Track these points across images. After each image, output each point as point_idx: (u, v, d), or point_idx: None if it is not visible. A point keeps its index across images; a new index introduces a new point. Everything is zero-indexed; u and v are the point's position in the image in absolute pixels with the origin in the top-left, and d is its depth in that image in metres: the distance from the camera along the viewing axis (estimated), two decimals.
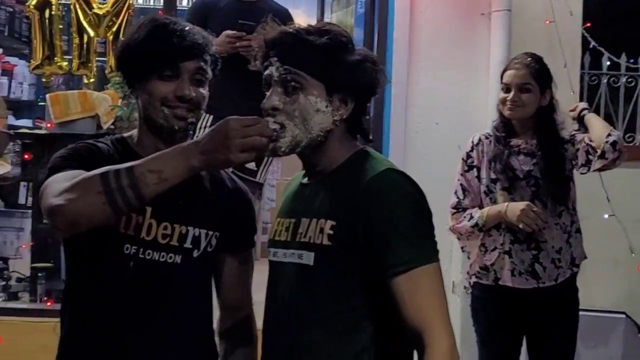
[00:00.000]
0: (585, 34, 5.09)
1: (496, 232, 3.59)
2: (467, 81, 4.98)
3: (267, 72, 2.04)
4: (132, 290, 2.15)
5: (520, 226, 3.45)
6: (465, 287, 4.00)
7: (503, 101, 3.60)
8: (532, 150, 3.60)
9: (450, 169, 3.80)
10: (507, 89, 3.59)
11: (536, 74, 3.58)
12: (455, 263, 4.77)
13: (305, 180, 2.14)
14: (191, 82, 2.17)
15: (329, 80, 2.00)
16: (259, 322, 2.24)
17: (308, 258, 1.99)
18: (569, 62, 4.93)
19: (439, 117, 4.98)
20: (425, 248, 1.93)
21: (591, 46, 5.15)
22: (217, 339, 2.40)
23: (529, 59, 3.63)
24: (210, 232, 2.23)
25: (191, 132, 2.26)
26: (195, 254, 2.21)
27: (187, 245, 2.19)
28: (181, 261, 2.18)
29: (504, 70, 3.67)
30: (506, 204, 3.53)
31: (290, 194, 2.20)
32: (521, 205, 3.47)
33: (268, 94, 2.02)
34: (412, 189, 1.96)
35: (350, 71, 2.00)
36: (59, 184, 1.96)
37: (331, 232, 1.96)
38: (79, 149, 2.17)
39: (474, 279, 3.70)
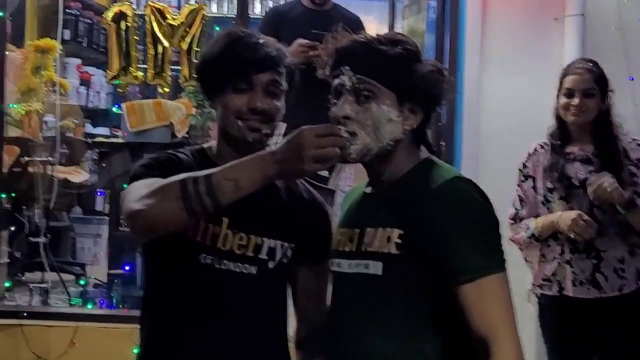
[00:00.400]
0: None
1: (554, 242, 3.55)
2: (539, 87, 4.90)
3: (337, 80, 2.04)
4: (208, 300, 2.18)
5: (572, 235, 3.41)
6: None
7: (566, 106, 3.54)
8: (587, 157, 3.54)
9: None
10: (570, 94, 3.53)
11: (598, 79, 3.54)
12: (530, 271, 4.72)
13: (369, 189, 2.13)
14: (265, 94, 2.18)
15: (401, 90, 2.00)
16: None
17: (376, 268, 1.97)
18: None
19: (512, 123, 4.92)
20: (493, 257, 1.92)
21: None
22: (293, 348, 2.41)
23: (589, 63, 3.60)
24: (286, 244, 2.24)
25: (268, 143, 2.25)
26: (271, 265, 2.21)
27: (263, 256, 2.20)
28: (257, 272, 2.19)
29: (564, 76, 3.61)
30: (559, 213, 3.48)
31: (353, 204, 2.20)
32: (572, 214, 3.42)
33: (339, 102, 2.02)
34: (480, 198, 1.95)
35: (421, 81, 2.00)
36: (139, 190, 2.01)
37: (399, 241, 1.95)
38: (160, 158, 2.21)
39: (539, 290, 3.66)
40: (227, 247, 2.17)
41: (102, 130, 7.49)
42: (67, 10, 6.99)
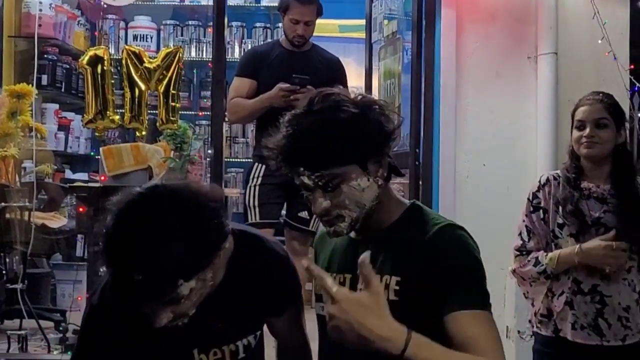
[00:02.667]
0: (631, 77, 5.03)
1: (564, 276, 3.31)
2: (515, 124, 4.97)
3: (298, 181, 2.02)
4: None
5: (607, 270, 3.22)
6: (519, 332, 3.88)
7: (578, 140, 3.35)
8: (603, 195, 3.33)
9: (500, 211, 3.77)
10: (581, 126, 3.35)
11: (611, 109, 3.35)
12: (508, 307, 4.71)
13: (354, 235, 2.13)
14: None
15: (359, 158, 2.00)
16: None
17: None
18: None
19: (488, 160, 4.96)
20: (484, 297, 1.97)
21: (637, 87, 5.09)
22: None
23: (601, 94, 3.42)
24: (258, 333, 2.25)
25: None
26: (248, 352, 2.23)
27: (241, 355, 2.21)
28: None
29: (576, 108, 3.43)
30: (578, 245, 3.25)
31: (338, 248, 2.20)
32: (599, 246, 3.20)
33: (312, 199, 2.02)
34: (472, 244, 2.02)
35: (371, 137, 2.00)
36: None
37: (397, 287, 1.99)
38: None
39: (534, 329, 3.45)
40: None
41: (81, 176, 7.48)
42: (45, 56, 7.02)
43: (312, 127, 1.98)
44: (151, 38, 8.07)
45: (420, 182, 5.01)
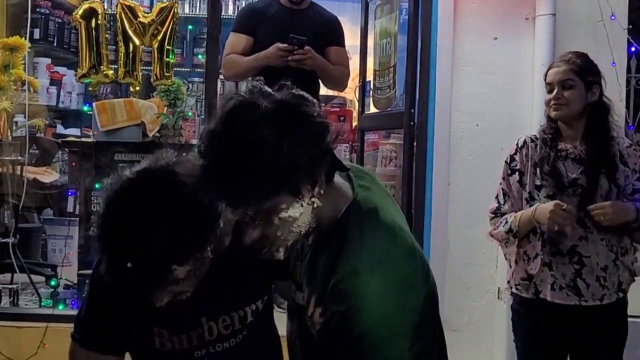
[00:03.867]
0: (629, 37, 5.01)
1: (534, 238, 3.36)
2: (511, 86, 4.94)
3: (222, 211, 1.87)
4: None
5: (554, 228, 3.24)
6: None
7: (548, 102, 3.40)
8: (580, 155, 3.36)
9: (494, 174, 3.72)
10: (550, 88, 3.40)
11: (577, 69, 3.35)
12: (501, 269, 4.72)
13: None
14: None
15: (288, 187, 1.78)
16: None
17: None
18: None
19: (483, 122, 4.94)
20: None
21: (635, 49, 5.08)
22: None
23: (570, 55, 3.42)
24: (265, 297, 2.24)
25: None
26: (256, 316, 2.22)
27: (249, 319, 2.20)
28: (247, 332, 2.20)
29: (547, 71, 3.47)
30: (535, 206, 3.31)
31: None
32: (549, 205, 3.24)
33: (244, 230, 1.85)
34: (371, 299, 1.81)
35: (300, 160, 1.76)
36: None
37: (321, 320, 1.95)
38: None
39: (514, 290, 3.49)
40: (214, 335, 2.17)
41: (74, 131, 7.43)
42: (37, 9, 6.95)
43: (230, 159, 1.73)
44: None
45: (415, 143, 5.00)
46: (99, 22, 5.16)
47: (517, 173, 3.45)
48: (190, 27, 8.29)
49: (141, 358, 2.26)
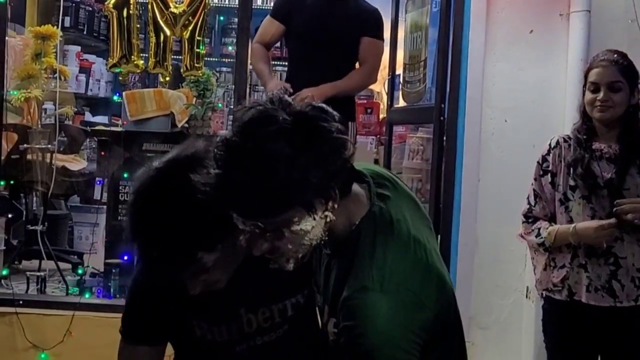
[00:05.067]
0: None
1: (566, 248, 3.35)
2: (544, 82, 4.88)
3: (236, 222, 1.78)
4: None
5: (604, 246, 3.26)
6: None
7: (592, 102, 3.32)
8: (615, 155, 3.32)
9: (525, 171, 3.69)
10: (595, 88, 3.32)
11: (625, 71, 3.31)
12: (529, 267, 4.68)
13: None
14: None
15: (302, 202, 1.75)
16: None
17: None
18: None
19: (515, 118, 4.89)
20: None
21: None
22: None
23: (615, 55, 3.36)
24: (306, 291, 2.21)
25: None
26: (297, 310, 2.21)
27: (290, 313, 2.19)
28: (289, 326, 2.19)
29: (589, 69, 3.41)
30: (573, 226, 3.29)
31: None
32: (591, 227, 3.24)
33: (249, 239, 1.81)
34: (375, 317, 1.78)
35: (315, 178, 1.73)
36: None
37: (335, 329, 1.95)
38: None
39: (545, 293, 3.47)
40: (253, 327, 2.16)
41: (101, 119, 7.48)
42: None
43: (247, 168, 1.70)
44: None
45: (445, 138, 4.96)
46: (131, 12, 5.14)
47: (549, 174, 3.43)
48: (218, 16, 8.29)
49: (184, 351, 2.26)
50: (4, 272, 5.16)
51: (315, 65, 4.92)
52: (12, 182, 5.43)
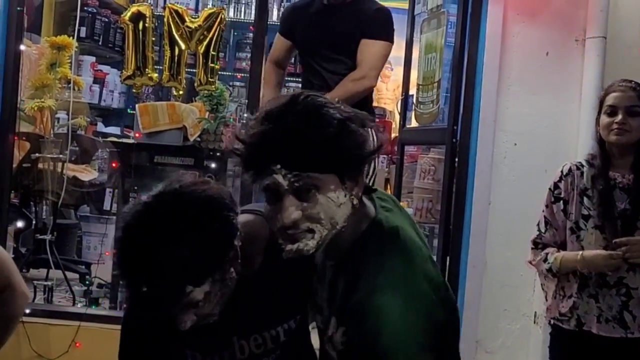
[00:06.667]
0: None
1: (573, 278, 3.33)
2: (557, 108, 4.87)
3: (268, 181, 1.82)
4: None
5: (610, 274, 3.24)
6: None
7: (608, 125, 3.29)
8: (628, 185, 3.28)
9: (536, 196, 3.67)
10: (612, 112, 3.29)
11: None
12: (538, 292, 4.66)
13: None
14: None
15: (339, 169, 1.83)
16: None
17: None
18: None
19: (527, 142, 4.88)
20: None
21: None
22: None
23: (632, 82, 3.36)
24: (298, 316, 2.20)
25: None
26: (290, 335, 2.20)
27: (282, 339, 2.17)
28: (281, 351, 2.18)
29: (606, 94, 3.39)
30: (580, 253, 3.26)
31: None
32: (600, 256, 3.21)
33: (281, 206, 1.83)
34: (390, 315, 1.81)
35: (353, 152, 1.84)
36: None
37: (344, 338, 1.94)
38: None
39: (553, 321, 3.44)
40: (246, 354, 2.15)
41: (114, 130, 7.49)
42: (85, 8, 7.00)
43: (297, 124, 1.79)
44: None
45: (457, 160, 4.95)
46: (147, 25, 5.16)
47: (561, 201, 3.39)
48: (233, 31, 8.31)
49: None
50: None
51: (323, 78, 4.71)
52: (22, 190, 5.44)
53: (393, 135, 6.96)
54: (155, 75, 5.30)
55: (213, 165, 5.25)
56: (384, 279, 1.84)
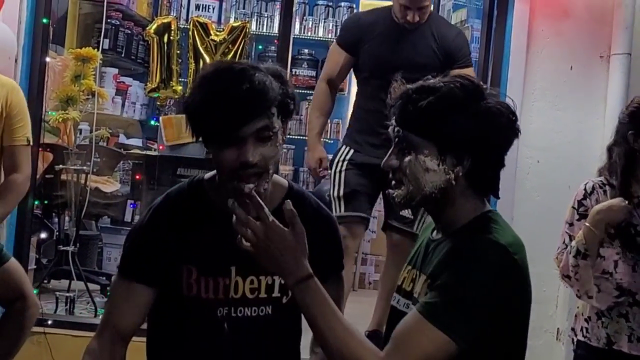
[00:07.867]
0: None
1: (607, 296, 3.26)
2: (581, 124, 4.87)
3: (390, 130, 2.07)
4: (227, 349, 2.21)
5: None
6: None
7: None
8: None
9: (559, 211, 3.64)
10: None
11: None
12: (561, 309, 4.65)
13: (434, 234, 2.13)
14: (256, 142, 2.07)
15: (439, 140, 1.97)
16: None
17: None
18: None
19: (551, 158, 4.87)
20: (455, 319, 1.88)
21: None
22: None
23: None
24: None
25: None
26: (285, 300, 2.22)
27: (276, 294, 2.22)
28: (272, 311, 2.22)
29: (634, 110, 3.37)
30: (587, 221, 3.21)
31: (420, 244, 2.19)
32: (614, 207, 3.18)
33: (389, 152, 2.06)
34: (498, 266, 1.93)
35: (463, 129, 1.96)
36: None
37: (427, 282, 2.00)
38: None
39: (580, 337, 3.37)
40: (239, 294, 2.19)
41: (136, 142, 7.50)
42: (108, 20, 7.02)
43: (419, 88, 2.00)
44: (213, 9, 8.00)
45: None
46: (172, 38, 5.20)
47: (585, 219, 3.31)
48: (255, 44, 8.32)
49: (166, 307, 2.25)
50: (34, 292, 5.15)
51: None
52: (45, 201, 5.46)
53: None
54: (180, 87, 5.33)
55: None
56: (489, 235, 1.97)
